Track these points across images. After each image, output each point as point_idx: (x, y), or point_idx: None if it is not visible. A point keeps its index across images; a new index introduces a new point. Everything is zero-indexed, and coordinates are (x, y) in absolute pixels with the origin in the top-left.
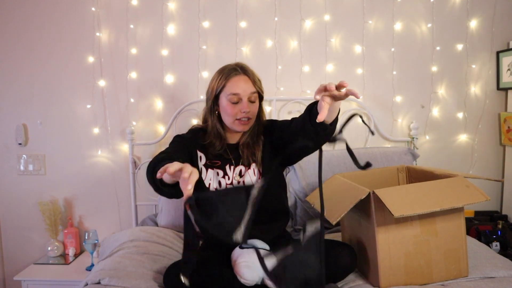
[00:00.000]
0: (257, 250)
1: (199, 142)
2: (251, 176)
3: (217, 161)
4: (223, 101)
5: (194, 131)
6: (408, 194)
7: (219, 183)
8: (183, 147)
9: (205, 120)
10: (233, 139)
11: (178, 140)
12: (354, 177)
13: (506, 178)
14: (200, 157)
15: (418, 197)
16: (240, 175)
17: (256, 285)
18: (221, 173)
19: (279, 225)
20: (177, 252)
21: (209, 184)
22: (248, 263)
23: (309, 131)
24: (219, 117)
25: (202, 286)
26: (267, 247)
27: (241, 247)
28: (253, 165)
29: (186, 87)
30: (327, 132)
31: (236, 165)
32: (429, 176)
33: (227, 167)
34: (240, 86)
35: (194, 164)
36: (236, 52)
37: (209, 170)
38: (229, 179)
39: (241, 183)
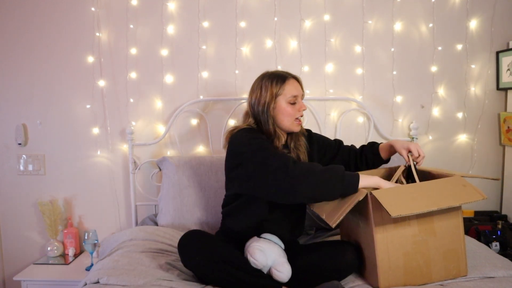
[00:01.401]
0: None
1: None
2: None
3: None
4: (282, 104)
5: (256, 131)
6: (405, 194)
7: None
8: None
9: (262, 131)
10: (282, 141)
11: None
12: None
13: (506, 178)
14: None
15: (415, 197)
16: None
17: (261, 271)
18: None
19: (298, 230)
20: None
21: None
22: (262, 248)
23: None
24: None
25: (212, 263)
26: (282, 245)
27: (259, 237)
28: None
29: (186, 87)
30: None
31: None
32: (426, 176)
33: None
34: (296, 88)
35: None
36: (236, 52)
37: None
38: None
39: None
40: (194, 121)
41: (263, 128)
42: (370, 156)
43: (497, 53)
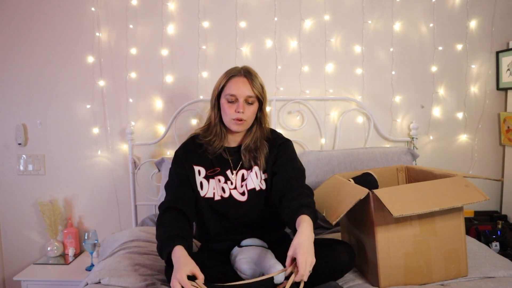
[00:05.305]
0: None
1: (195, 154)
2: (253, 179)
3: (217, 168)
4: (223, 100)
5: (187, 145)
6: (407, 194)
7: (223, 189)
8: (183, 178)
9: (209, 119)
10: (234, 141)
11: (177, 172)
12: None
13: (506, 178)
14: (199, 171)
15: (417, 197)
16: (243, 179)
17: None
18: (222, 179)
19: (277, 229)
20: None
21: (214, 193)
22: (248, 259)
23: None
24: (220, 116)
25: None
26: (265, 244)
27: (239, 246)
28: (255, 168)
29: (186, 87)
30: None
31: (237, 168)
32: (428, 176)
33: (228, 172)
34: (238, 87)
35: (193, 184)
36: (235, 52)
37: (211, 180)
38: (232, 183)
39: (244, 186)
40: (194, 121)
41: (210, 124)
42: (286, 217)
43: (497, 53)
